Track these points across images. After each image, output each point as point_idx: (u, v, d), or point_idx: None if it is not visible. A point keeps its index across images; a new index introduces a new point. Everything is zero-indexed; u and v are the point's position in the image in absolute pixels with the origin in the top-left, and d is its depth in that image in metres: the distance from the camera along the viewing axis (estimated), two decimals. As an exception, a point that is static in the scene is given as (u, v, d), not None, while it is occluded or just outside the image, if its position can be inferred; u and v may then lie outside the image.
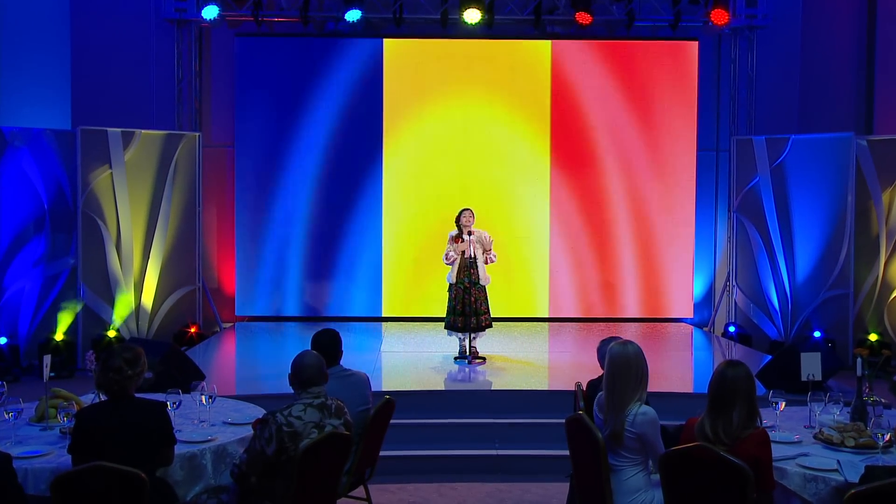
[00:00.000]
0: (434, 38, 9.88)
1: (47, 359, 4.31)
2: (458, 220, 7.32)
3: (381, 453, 4.58)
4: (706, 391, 3.47)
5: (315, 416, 3.70)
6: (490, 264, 7.43)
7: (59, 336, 8.37)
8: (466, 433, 6.14)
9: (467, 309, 7.29)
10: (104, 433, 3.45)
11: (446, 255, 7.42)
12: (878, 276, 8.80)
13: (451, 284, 7.42)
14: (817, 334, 8.67)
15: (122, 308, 8.70)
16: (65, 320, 8.45)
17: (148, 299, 8.94)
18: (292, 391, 3.84)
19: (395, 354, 8.20)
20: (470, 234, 7.30)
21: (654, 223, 9.99)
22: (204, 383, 4.52)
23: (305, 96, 9.86)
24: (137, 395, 3.66)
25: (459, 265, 7.33)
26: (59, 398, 4.19)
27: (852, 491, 3.11)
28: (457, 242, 7.33)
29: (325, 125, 9.88)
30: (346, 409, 3.87)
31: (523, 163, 9.97)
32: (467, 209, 7.38)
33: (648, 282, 10.03)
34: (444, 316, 7.48)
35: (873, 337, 8.69)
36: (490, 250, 7.34)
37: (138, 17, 9.63)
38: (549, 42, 9.94)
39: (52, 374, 7.86)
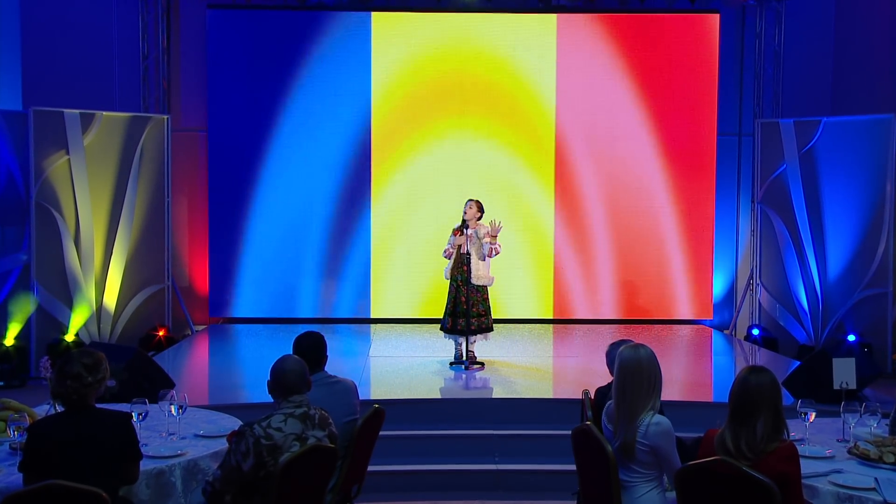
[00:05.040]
0: (427, 11, 9.88)
1: (-4, 365, 4.30)
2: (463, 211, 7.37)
3: (370, 468, 4.59)
4: (727, 400, 3.47)
5: (297, 428, 3.70)
6: (493, 256, 7.33)
7: (9, 341, 8.33)
8: (463, 446, 6.15)
9: (458, 309, 7.31)
10: (60, 448, 3.43)
11: (445, 248, 7.44)
12: (919, 273, 8.82)
13: (448, 281, 7.44)
14: (852, 338, 8.68)
15: (82, 309, 8.68)
16: (16, 323, 8.42)
17: (111, 299, 8.92)
18: (271, 400, 3.84)
19: (384, 359, 8.20)
20: (466, 227, 7.30)
21: (670, 215, 10.00)
22: (173, 392, 4.52)
23: (286, 75, 9.84)
24: (98, 405, 3.65)
25: (454, 261, 7.34)
26: (9, 410, 4.17)
27: (891, 511, 3.11)
28: (455, 235, 7.34)
29: (308, 107, 9.86)
30: (330, 420, 3.87)
31: (525, 149, 9.97)
32: (470, 200, 7.40)
33: (663, 280, 10.04)
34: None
35: (915, 341, 8.72)
36: (495, 243, 7.27)
37: (98, -16, 9.62)
38: (554, 16, 9.93)
39: (2, 384, 7.94)
